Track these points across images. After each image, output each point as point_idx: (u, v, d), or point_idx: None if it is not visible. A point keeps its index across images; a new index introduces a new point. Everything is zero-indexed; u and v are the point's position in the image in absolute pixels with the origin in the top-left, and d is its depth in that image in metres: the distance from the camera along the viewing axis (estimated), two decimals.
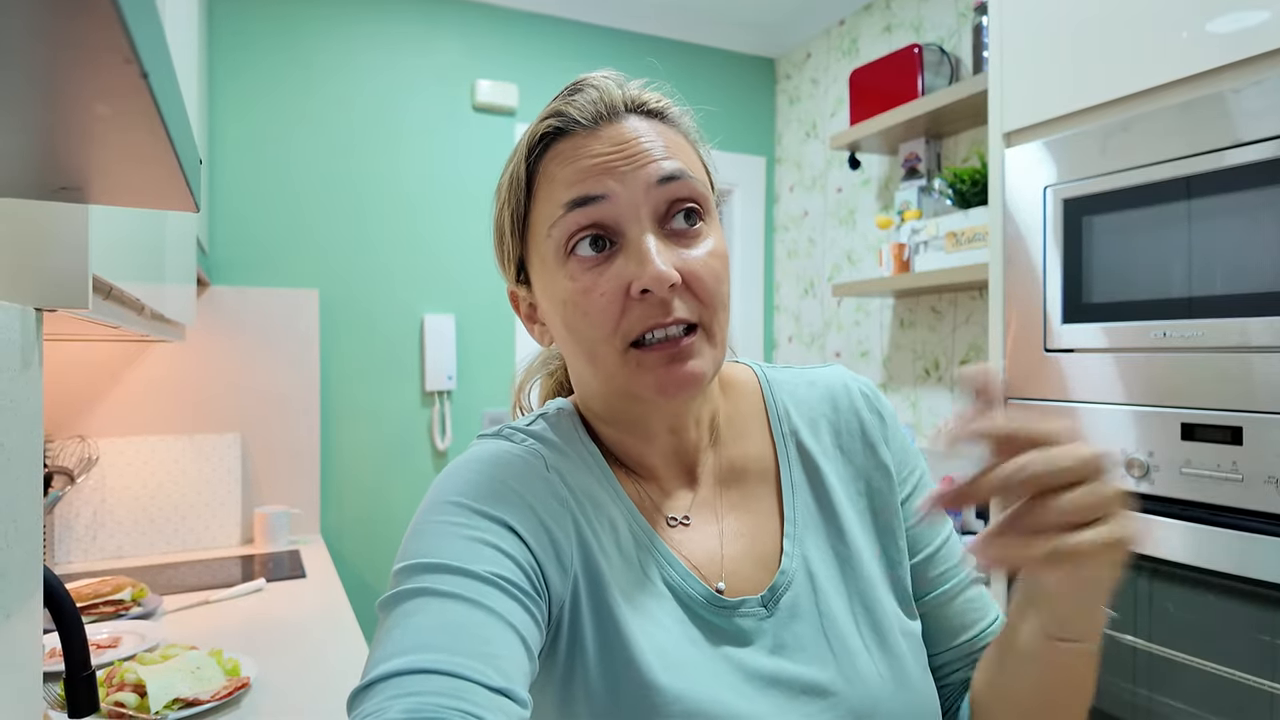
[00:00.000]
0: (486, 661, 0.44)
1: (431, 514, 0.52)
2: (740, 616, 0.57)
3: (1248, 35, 1.06)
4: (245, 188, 2.15)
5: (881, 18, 2.40)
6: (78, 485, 1.85)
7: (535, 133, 0.58)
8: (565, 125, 0.56)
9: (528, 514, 0.53)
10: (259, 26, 2.17)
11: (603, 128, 0.56)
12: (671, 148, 0.57)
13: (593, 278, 0.54)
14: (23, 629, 0.52)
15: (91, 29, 0.19)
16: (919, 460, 0.68)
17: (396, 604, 0.48)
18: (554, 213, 0.55)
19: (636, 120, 0.57)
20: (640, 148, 0.55)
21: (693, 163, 0.58)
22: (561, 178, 0.56)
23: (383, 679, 0.43)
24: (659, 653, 0.53)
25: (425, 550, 0.50)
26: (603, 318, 0.54)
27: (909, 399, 2.28)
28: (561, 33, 2.54)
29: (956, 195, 1.91)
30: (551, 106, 0.58)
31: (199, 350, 2.05)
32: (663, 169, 0.55)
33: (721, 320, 0.57)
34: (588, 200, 0.54)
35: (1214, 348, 1.09)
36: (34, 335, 0.53)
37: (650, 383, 0.54)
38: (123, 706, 1.05)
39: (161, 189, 0.39)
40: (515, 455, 0.57)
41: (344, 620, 1.51)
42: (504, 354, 2.46)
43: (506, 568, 0.49)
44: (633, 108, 0.57)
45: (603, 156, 0.55)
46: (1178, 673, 1.15)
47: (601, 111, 0.56)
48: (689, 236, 0.56)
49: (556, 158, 0.57)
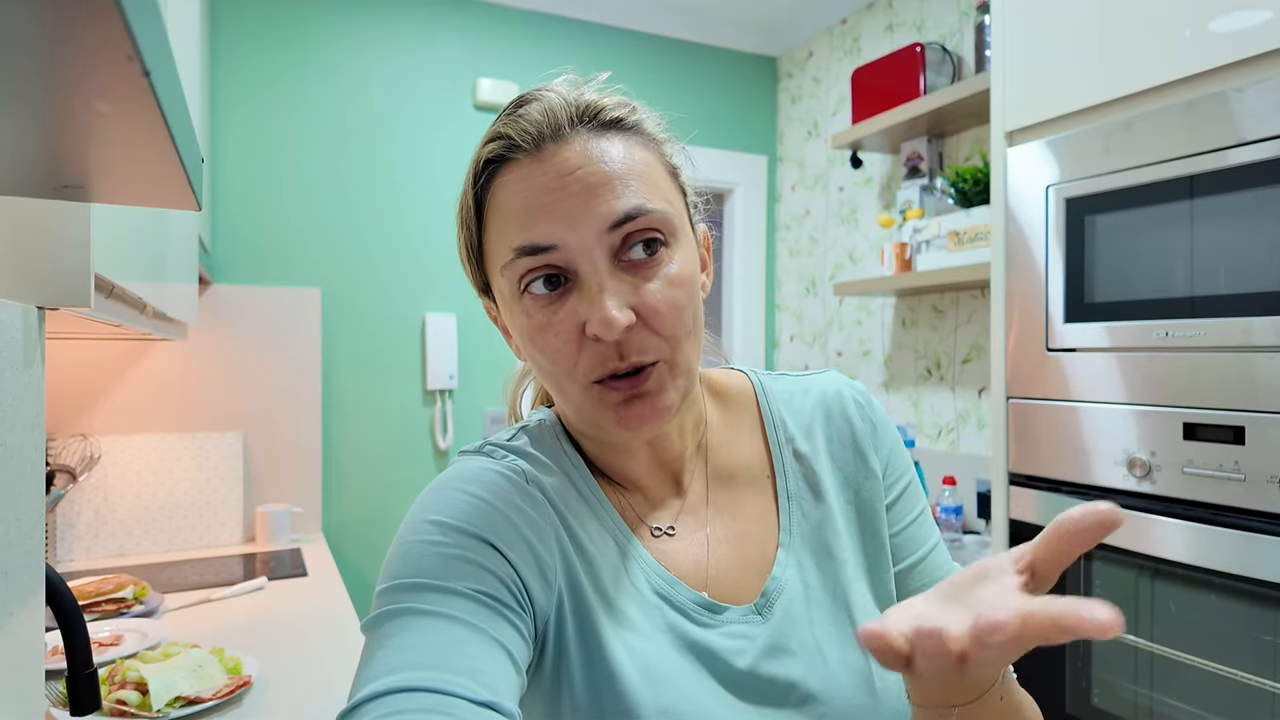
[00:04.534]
0: (471, 676, 0.44)
1: (412, 534, 0.52)
2: (729, 624, 0.57)
3: (1250, 34, 1.06)
4: (247, 186, 2.15)
5: (884, 16, 2.40)
6: (80, 483, 1.85)
7: (479, 158, 0.55)
8: (508, 150, 0.54)
9: (509, 530, 0.52)
10: (260, 24, 2.17)
11: (548, 151, 0.52)
12: (627, 172, 0.53)
13: (547, 315, 0.53)
14: (25, 627, 0.52)
15: (93, 26, 0.19)
16: (908, 466, 0.67)
17: (380, 625, 0.48)
18: (504, 253, 0.53)
19: (587, 138, 0.53)
20: (588, 181, 0.51)
21: (653, 181, 0.54)
22: (509, 215, 0.53)
23: (369, 699, 0.43)
24: (642, 666, 0.53)
25: (407, 570, 0.49)
26: (559, 356, 0.53)
27: (910, 398, 2.28)
28: (563, 31, 2.54)
29: (958, 194, 1.91)
30: (494, 126, 0.55)
31: (201, 349, 2.05)
32: (614, 211, 0.51)
33: (687, 350, 0.54)
34: (536, 250, 0.52)
35: (1216, 347, 1.09)
36: (36, 333, 0.53)
37: (612, 418, 0.53)
38: (124, 704, 1.05)
39: (163, 187, 0.39)
40: (496, 472, 0.56)
41: (345, 619, 1.51)
42: (505, 353, 2.46)
43: (489, 584, 0.49)
44: (584, 119, 0.54)
45: (549, 195, 0.51)
46: (1180, 672, 1.15)
47: (545, 132, 0.53)
48: (648, 266, 0.53)
49: (502, 189, 0.54)
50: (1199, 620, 1.13)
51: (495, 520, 0.52)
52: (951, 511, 1.90)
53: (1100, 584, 1.26)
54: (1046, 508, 1.32)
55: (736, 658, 0.56)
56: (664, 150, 0.58)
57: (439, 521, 0.52)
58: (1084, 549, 0.37)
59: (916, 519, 0.65)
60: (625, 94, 0.58)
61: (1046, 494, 1.32)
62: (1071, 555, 0.37)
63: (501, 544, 0.51)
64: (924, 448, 2.20)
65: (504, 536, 0.52)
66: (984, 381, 2.05)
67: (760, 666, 0.56)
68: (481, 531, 0.51)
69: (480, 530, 0.51)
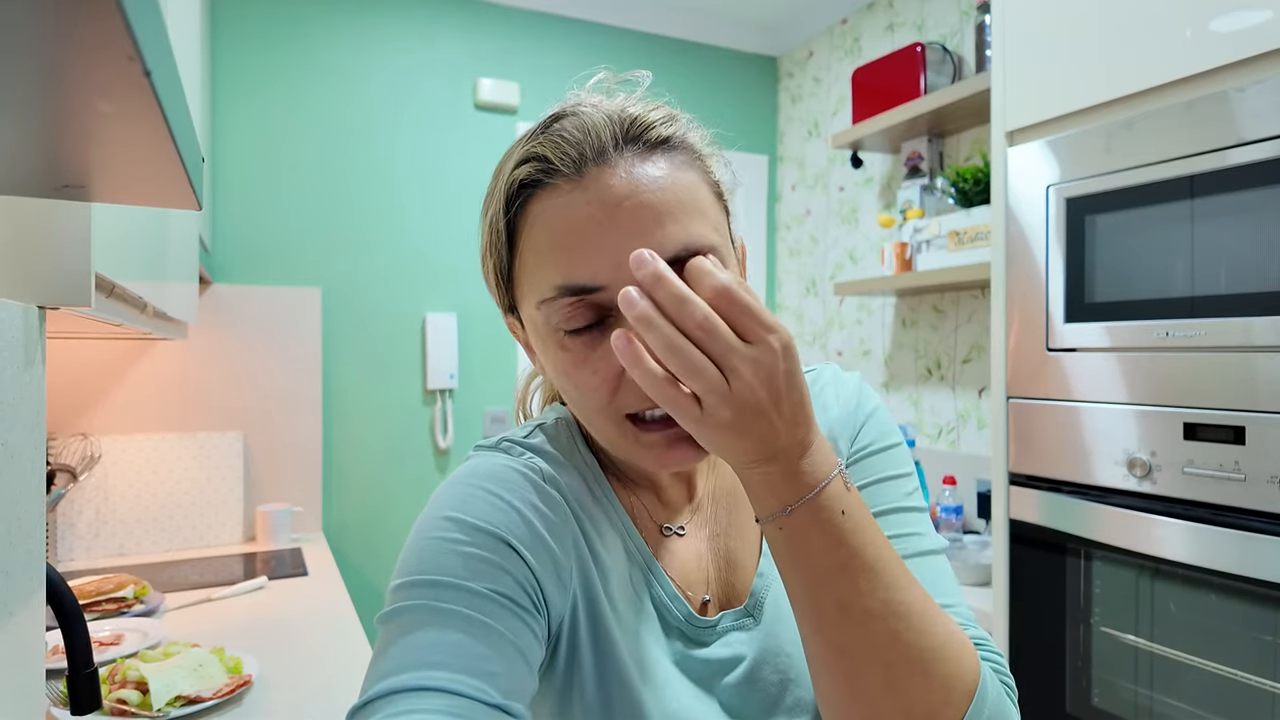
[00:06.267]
0: (484, 679, 0.44)
1: (429, 530, 0.51)
2: (723, 633, 0.57)
3: (1251, 34, 1.06)
4: (247, 186, 2.15)
5: (884, 16, 2.39)
6: (80, 483, 1.85)
7: (514, 180, 0.52)
8: (545, 174, 0.50)
9: (527, 531, 0.52)
10: (261, 24, 2.17)
11: (590, 176, 0.49)
12: (676, 203, 0.49)
13: (585, 351, 0.50)
14: (25, 626, 0.52)
15: (94, 26, 0.19)
16: (885, 435, 0.63)
17: (394, 620, 0.47)
18: (543, 289, 0.50)
19: (632, 161, 0.50)
20: (637, 215, 0.48)
21: (701, 209, 0.51)
22: (548, 247, 0.50)
23: (381, 697, 0.43)
24: (647, 674, 0.53)
25: (423, 567, 0.49)
26: (596, 394, 0.50)
27: (911, 398, 2.28)
28: (563, 31, 2.54)
29: (959, 194, 1.91)
30: (530, 146, 0.51)
31: (201, 348, 2.05)
32: (665, 250, 0.47)
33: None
34: (582, 291, 0.49)
35: (1216, 347, 1.09)
36: (36, 333, 0.53)
37: (651, 459, 0.51)
38: (125, 704, 1.05)
39: (164, 187, 0.39)
40: (514, 470, 0.55)
41: (346, 618, 1.51)
42: (506, 353, 2.46)
43: (505, 584, 0.49)
44: (629, 138, 0.50)
45: (594, 227, 0.48)
46: (1180, 672, 1.15)
47: (586, 154, 0.49)
48: None
49: (540, 217, 0.50)
50: (1199, 620, 1.13)
51: (513, 520, 0.52)
52: (951, 511, 1.90)
53: (1100, 584, 1.26)
54: (1046, 508, 1.32)
55: (732, 672, 0.56)
56: (708, 166, 0.55)
57: (457, 519, 0.51)
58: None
59: (880, 481, 0.60)
60: (667, 102, 0.54)
61: (1047, 494, 1.32)
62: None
63: (519, 544, 0.51)
64: (924, 447, 2.20)
65: (521, 537, 0.51)
66: (984, 381, 2.05)
67: (756, 673, 0.56)
68: (499, 531, 0.51)
69: (498, 529, 0.51)
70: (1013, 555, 1.39)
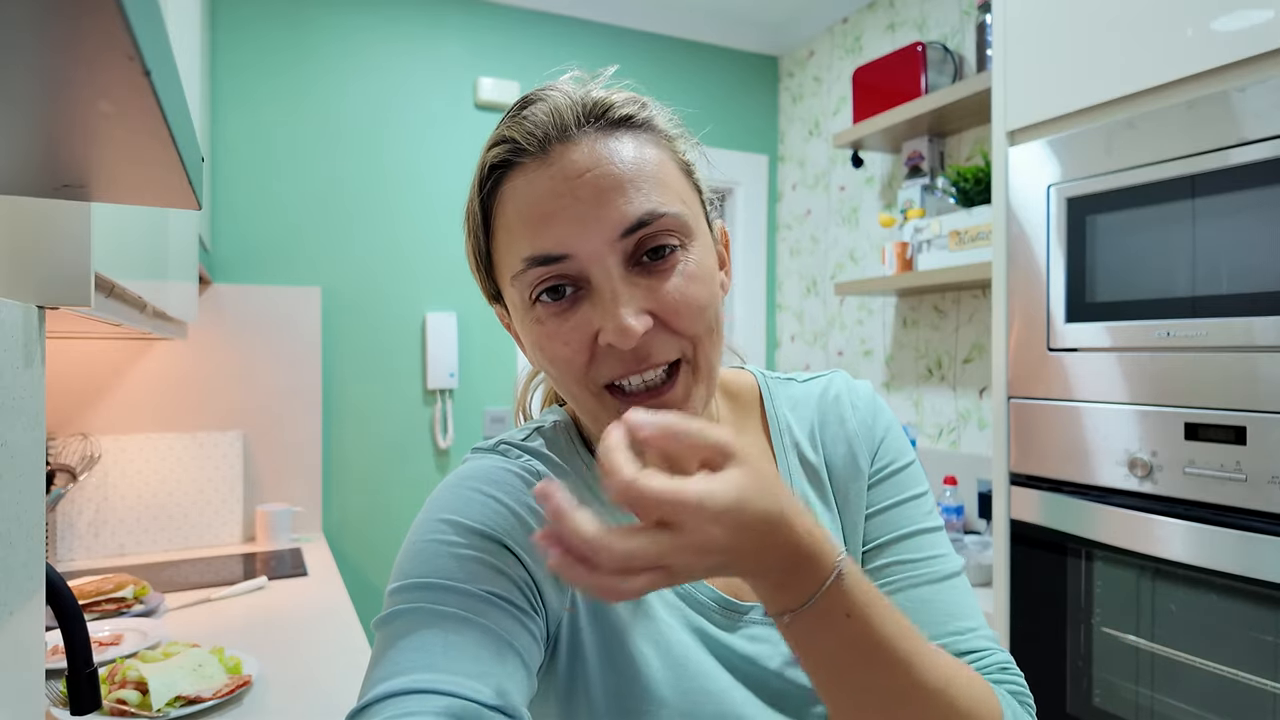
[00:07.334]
0: (483, 680, 0.44)
1: (425, 533, 0.51)
2: (751, 625, 0.57)
3: (1253, 34, 1.05)
4: (247, 185, 2.15)
5: (885, 15, 2.39)
6: (80, 483, 1.85)
7: (484, 164, 0.53)
8: (513, 154, 0.51)
9: (523, 532, 0.52)
10: (261, 23, 2.16)
11: (554, 154, 0.50)
12: (638, 173, 0.50)
13: (558, 324, 0.51)
14: (25, 626, 0.51)
15: (94, 26, 0.19)
16: (901, 453, 0.64)
17: (391, 624, 0.47)
18: (514, 264, 0.52)
19: (595, 138, 0.51)
20: (598, 185, 0.49)
21: (666, 181, 0.52)
22: (517, 223, 0.51)
23: (380, 700, 0.43)
24: (665, 653, 0.53)
25: (420, 570, 0.49)
26: (570, 365, 0.51)
27: (911, 398, 2.28)
28: (563, 30, 2.54)
29: (960, 194, 1.91)
30: (499, 129, 0.53)
31: (201, 348, 2.05)
32: (627, 217, 0.49)
33: (708, 348, 0.52)
34: (547, 260, 0.50)
35: (1218, 347, 1.09)
36: (36, 333, 0.53)
37: None
38: (125, 704, 1.05)
39: (164, 186, 0.39)
40: (511, 472, 0.55)
41: (346, 618, 1.51)
42: (506, 352, 2.46)
43: (502, 586, 0.49)
44: (591, 117, 0.51)
45: (558, 200, 0.49)
46: (1180, 672, 1.15)
47: (550, 133, 0.50)
48: (664, 267, 0.51)
49: (509, 195, 0.52)
50: (1200, 620, 1.12)
51: (510, 522, 0.52)
52: (952, 511, 1.90)
53: (1101, 584, 1.26)
54: (1047, 508, 1.32)
55: (763, 661, 0.56)
56: (676, 147, 0.55)
57: (453, 521, 0.51)
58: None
59: (902, 502, 0.61)
60: (633, 89, 0.56)
61: (1047, 494, 1.32)
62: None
63: (516, 546, 0.51)
64: (925, 447, 2.20)
65: (518, 538, 0.51)
66: (985, 381, 2.04)
67: (787, 671, 0.56)
68: (496, 533, 0.51)
69: (495, 531, 0.51)
70: (1013, 555, 1.39)
